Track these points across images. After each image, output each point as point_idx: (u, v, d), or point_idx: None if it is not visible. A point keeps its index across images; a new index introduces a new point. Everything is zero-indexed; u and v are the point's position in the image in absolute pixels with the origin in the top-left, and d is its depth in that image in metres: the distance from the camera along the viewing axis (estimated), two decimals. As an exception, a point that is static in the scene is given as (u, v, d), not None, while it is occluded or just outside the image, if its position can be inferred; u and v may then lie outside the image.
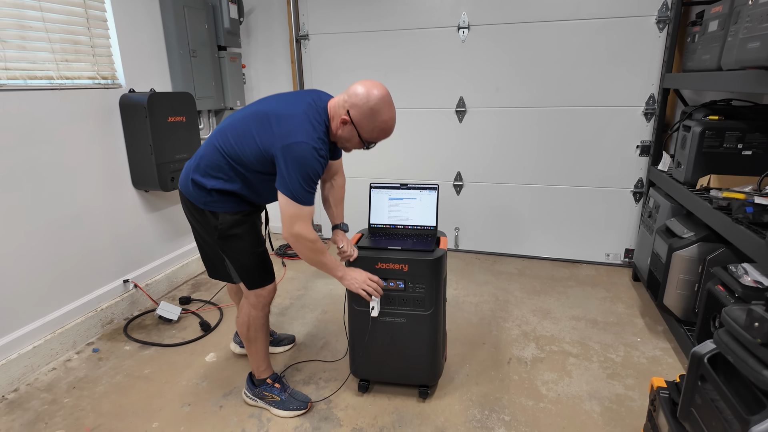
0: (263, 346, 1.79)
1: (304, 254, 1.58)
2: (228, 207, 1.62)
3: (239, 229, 1.64)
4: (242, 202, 1.64)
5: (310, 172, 1.46)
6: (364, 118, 1.53)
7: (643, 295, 2.73)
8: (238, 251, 1.66)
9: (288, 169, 1.45)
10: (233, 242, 1.65)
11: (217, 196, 1.60)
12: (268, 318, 1.81)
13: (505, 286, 2.88)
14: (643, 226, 2.71)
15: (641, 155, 2.91)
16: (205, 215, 1.64)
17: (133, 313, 2.59)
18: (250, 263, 1.68)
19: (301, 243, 1.55)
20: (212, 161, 1.58)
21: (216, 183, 1.58)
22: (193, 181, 1.62)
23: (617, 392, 1.90)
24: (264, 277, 1.72)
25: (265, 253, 1.73)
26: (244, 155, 1.53)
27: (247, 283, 1.70)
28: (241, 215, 1.64)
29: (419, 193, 1.92)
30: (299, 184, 1.46)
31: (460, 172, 3.27)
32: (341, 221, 1.89)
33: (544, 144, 3.06)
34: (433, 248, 1.74)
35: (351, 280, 1.68)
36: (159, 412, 1.83)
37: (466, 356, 2.16)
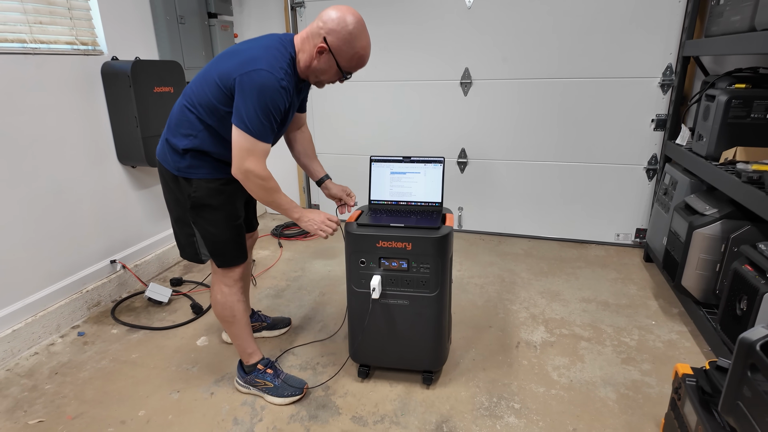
0: (245, 327, 1.67)
1: (256, 193, 1.44)
2: (203, 173, 1.48)
3: (215, 200, 1.51)
4: (218, 168, 1.49)
5: (270, 104, 1.32)
6: (343, 44, 1.39)
7: (656, 276, 2.61)
8: (211, 223, 1.53)
9: (245, 99, 1.31)
10: (207, 213, 1.52)
11: (190, 160, 1.47)
12: (245, 295, 1.69)
13: (511, 267, 2.76)
14: (657, 204, 2.58)
15: (656, 130, 2.76)
16: (179, 183, 1.50)
17: (121, 294, 2.47)
18: (222, 238, 1.55)
19: (252, 181, 1.41)
20: (180, 118, 1.46)
21: (187, 142, 1.45)
22: (167, 142, 1.49)
23: (633, 378, 1.79)
24: (236, 255, 1.59)
25: (240, 230, 1.60)
26: (206, 98, 1.40)
27: (217, 260, 1.58)
28: (218, 184, 1.50)
29: (423, 166, 1.78)
30: (256, 116, 1.32)
31: (465, 149, 3.12)
32: (325, 173, 1.81)
33: (552, 118, 2.90)
34: (439, 225, 1.61)
35: (309, 222, 1.55)
36: (146, 399, 1.72)
37: (472, 340, 2.04)
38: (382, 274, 1.63)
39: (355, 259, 1.64)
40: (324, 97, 3.28)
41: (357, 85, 3.19)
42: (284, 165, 3.59)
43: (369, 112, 3.23)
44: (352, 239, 1.62)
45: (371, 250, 1.61)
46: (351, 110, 3.26)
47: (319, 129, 3.36)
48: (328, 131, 3.36)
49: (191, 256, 1.61)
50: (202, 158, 1.47)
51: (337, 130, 3.34)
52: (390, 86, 3.12)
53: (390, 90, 3.13)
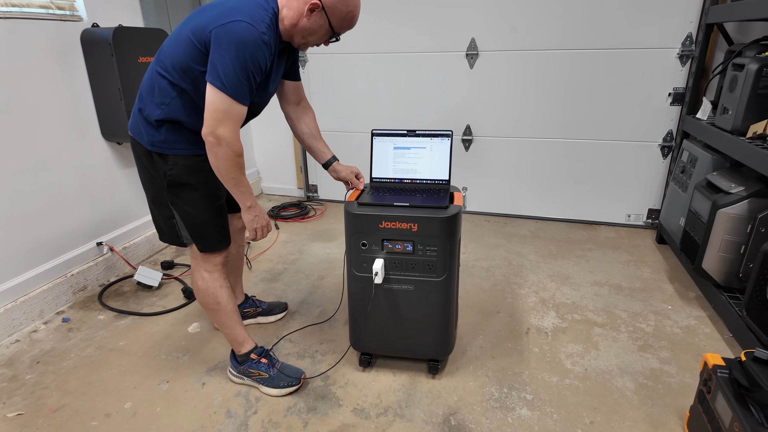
0: (231, 314, 1.54)
1: (222, 164, 1.26)
2: (179, 148, 1.34)
3: (193, 178, 1.37)
4: (197, 143, 1.35)
5: (249, 59, 1.18)
6: (338, 1, 1.26)
7: (670, 258, 2.49)
8: (190, 203, 1.39)
9: (222, 53, 1.17)
10: (185, 193, 1.38)
11: (166, 134, 1.32)
12: (235, 279, 1.55)
13: (518, 249, 2.64)
14: (673, 182, 2.45)
15: (673, 104, 2.61)
16: (153, 160, 1.36)
17: (109, 278, 2.35)
18: (202, 219, 1.41)
19: (223, 149, 1.24)
20: (151, 85, 1.31)
21: (159, 112, 1.30)
22: (140, 113, 1.35)
23: (651, 366, 1.68)
24: (218, 238, 1.46)
25: (222, 211, 1.46)
26: (178, 59, 1.25)
27: (199, 244, 1.45)
28: (197, 161, 1.36)
29: (429, 141, 1.64)
30: (234, 72, 1.17)
31: (470, 126, 2.97)
32: (331, 154, 1.66)
33: (562, 93, 2.75)
34: (447, 205, 1.47)
35: (257, 217, 1.41)
36: (133, 390, 1.61)
37: (479, 326, 1.93)
38: (386, 258, 1.51)
39: (356, 241, 1.51)
40: (320, 70, 3.11)
41: (355, 58, 3.01)
42: (280, 140, 3.43)
43: (368, 87, 3.06)
44: (352, 220, 1.49)
45: (373, 232, 1.48)
46: (349, 85, 3.09)
47: (315, 105, 3.20)
48: (324, 107, 3.19)
49: (172, 239, 1.48)
50: (178, 131, 1.33)
51: (334, 106, 3.18)
52: (391, 59, 2.95)
53: (391, 63, 2.96)
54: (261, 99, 1.40)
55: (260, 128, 3.46)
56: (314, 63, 3.10)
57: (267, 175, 3.61)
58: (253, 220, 1.41)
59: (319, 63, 3.10)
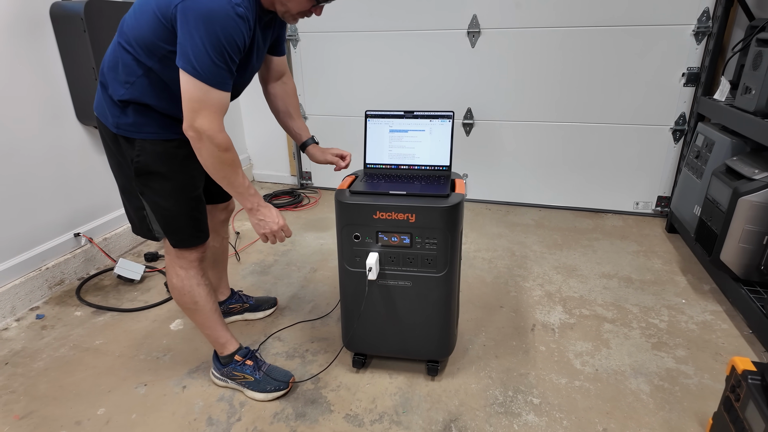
0: (211, 314, 1.41)
1: (207, 161, 1.13)
2: (148, 132, 1.19)
3: (164, 166, 1.22)
4: (168, 126, 1.20)
5: (223, 38, 1.01)
6: None
7: (681, 248, 2.37)
8: (161, 194, 1.25)
9: (191, 32, 1.01)
10: (155, 182, 1.23)
11: (134, 116, 1.17)
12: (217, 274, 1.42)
13: (521, 239, 2.51)
14: (686, 168, 2.31)
15: (687, 85, 2.46)
16: (119, 144, 1.22)
17: (89, 271, 2.22)
18: (174, 213, 1.27)
19: (205, 145, 1.10)
20: (114, 59, 1.15)
21: (124, 91, 1.15)
22: (104, 90, 1.19)
23: (667, 366, 1.57)
24: (193, 233, 1.31)
25: (198, 203, 1.32)
26: (142, 34, 1.10)
27: (171, 239, 1.31)
28: (168, 146, 1.21)
29: (429, 123, 1.49)
30: (206, 54, 1.02)
31: (471, 109, 2.81)
32: (309, 135, 1.54)
33: (569, 74, 2.59)
34: (448, 193, 1.34)
35: (261, 221, 1.25)
36: (107, 394, 1.49)
37: (482, 322, 1.81)
38: (381, 251, 1.38)
39: (348, 233, 1.38)
40: (312, 50, 2.94)
41: (350, 37, 2.84)
42: (272, 124, 3.27)
43: (364, 68, 2.89)
44: (343, 210, 1.35)
45: (367, 223, 1.35)
46: (343, 66, 2.92)
47: (307, 88, 3.03)
48: (316, 90, 3.03)
49: (144, 232, 1.33)
50: (147, 114, 1.18)
51: (327, 89, 3.01)
52: (388, 37, 2.78)
53: (388, 42, 2.79)
54: (243, 79, 1.25)
55: (251, 112, 3.30)
56: (306, 42, 2.93)
57: (258, 162, 3.45)
58: (257, 224, 1.26)
59: (311, 42, 2.93)
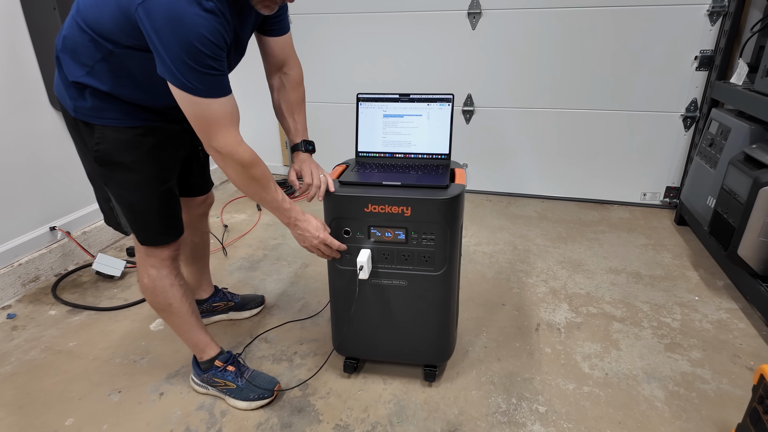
0: (187, 316, 1.29)
1: (237, 181, 1.07)
2: (109, 117, 1.06)
3: (127, 156, 1.09)
4: (133, 112, 1.07)
5: (197, 42, 0.88)
6: None
7: (692, 241, 2.26)
8: (125, 187, 1.12)
9: (161, 41, 0.88)
10: (118, 174, 1.11)
11: (91, 100, 1.04)
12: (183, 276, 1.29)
13: (523, 232, 2.39)
14: (698, 157, 2.19)
15: (699, 69, 2.32)
16: (78, 128, 1.09)
17: (67, 267, 2.10)
18: (141, 207, 1.14)
19: (228, 164, 1.02)
20: (72, 36, 1.01)
21: (81, 72, 1.02)
22: (59, 65, 1.05)
23: (682, 370, 1.46)
24: (163, 230, 1.19)
25: (169, 197, 1.19)
26: (103, 22, 0.95)
27: (138, 235, 1.19)
28: (133, 134, 1.08)
29: (426, 107, 1.36)
30: (186, 65, 0.89)
31: (471, 95, 2.68)
32: (303, 138, 1.34)
33: (575, 57, 2.45)
34: (447, 183, 1.22)
35: (301, 234, 1.19)
36: (78, 402, 1.37)
37: (483, 321, 1.70)
38: (373, 248, 1.26)
39: (337, 228, 1.26)
40: (302, 34, 2.79)
41: (343, 19, 2.69)
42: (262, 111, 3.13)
43: (357, 52, 2.75)
44: (332, 202, 1.23)
45: (358, 217, 1.23)
46: (335, 50, 2.78)
47: (302, 72, 2.89)
48: (306, 75, 2.88)
49: (114, 225, 1.22)
50: (108, 99, 1.04)
51: (317, 74, 2.87)
52: (382, 18, 2.63)
53: (383, 24, 2.64)
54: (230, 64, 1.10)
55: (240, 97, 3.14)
56: (297, 25, 2.78)
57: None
58: (298, 239, 1.21)
59: (302, 24, 2.78)
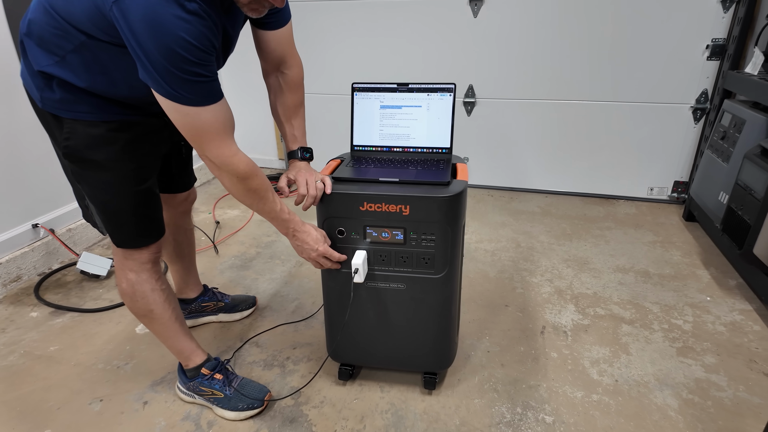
0: (171, 323, 1.20)
1: (233, 192, 1.01)
2: (80, 111, 0.96)
3: (100, 153, 0.99)
4: (103, 105, 0.97)
5: (179, 48, 0.79)
6: None
7: (701, 238, 2.17)
8: (99, 187, 1.03)
9: (141, 44, 0.79)
10: (90, 172, 1.01)
11: (59, 92, 0.94)
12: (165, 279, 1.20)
13: (526, 228, 2.31)
14: (709, 150, 2.10)
15: (711, 59, 2.23)
16: (46, 120, 1.00)
17: (51, 266, 2.01)
18: (116, 207, 1.05)
19: (223, 175, 0.96)
20: (39, 21, 0.90)
21: (49, 62, 0.92)
22: (23, 51, 0.96)
23: (696, 376, 1.38)
24: (140, 232, 1.10)
25: (147, 198, 1.09)
26: (75, 12, 0.86)
27: (114, 237, 1.10)
28: (105, 129, 0.98)
29: (426, 97, 1.27)
30: (168, 71, 0.80)
31: (473, 86, 2.58)
32: (300, 145, 1.23)
33: (581, 44, 2.36)
34: (448, 180, 1.13)
35: (301, 245, 1.13)
36: (56, 411, 1.30)
37: (485, 324, 1.62)
38: (369, 249, 1.17)
39: (331, 228, 1.17)
40: (296, 23, 2.69)
41: (338, 7, 2.59)
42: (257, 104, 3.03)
43: (351, 41, 2.65)
44: (325, 200, 1.14)
45: (353, 216, 1.14)
46: (330, 39, 2.68)
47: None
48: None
49: (92, 223, 1.13)
50: (77, 92, 0.95)
51: (310, 65, 2.77)
52: (380, 6, 2.53)
53: (380, 12, 2.54)
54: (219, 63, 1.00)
55: (234, 90, 3.06)
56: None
57: (244, 145, 3.19)
58: (297, 249, 1.14)
59: (295, 14, 2.67)
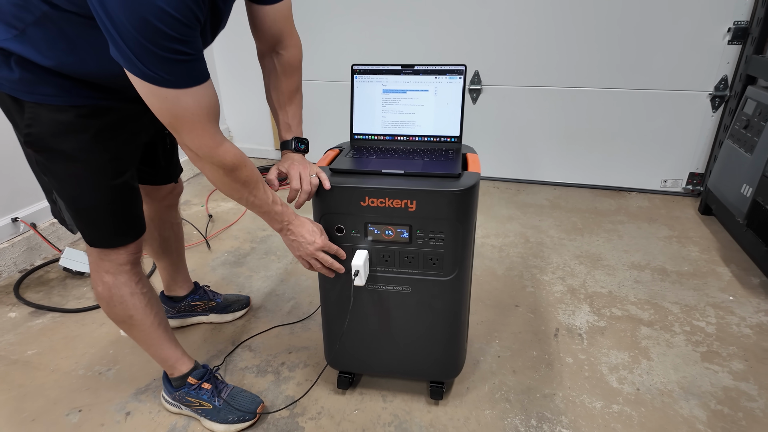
0: (153, 329, 1.09)
1: (218, 185, 0.90)
2: (43, 94, 0.83)
3: (68, 143, 0.86)
4: (71, 87, 0.84)
5: (155, 18, 0.66)
6: None
7: (719, 233, 2.07)
8: (67, 180, 0.90)
9: (109, 15, 0.66)
10: (57, 164, 0.89)
11: (18, 71, 0.81)
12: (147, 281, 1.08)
13: (535, 222, 2.19)
14: (730, 140, 1.98)
15: (732, 42, 2.10)
16: (5, 103, 0.87)
17: (33, 262, 1.90)
18: (87, 204, 0.93)
19: (206, 166, 0.85)
20: None
21: (6, 36, 0.78)
22: None
23: (724, 384, 1.28)
24: (116, 231, 0.98)
25: (124, 193, 0.97)
26: None
27: (86, 235, 0.98)
28: (73, 115, 0.85)
29: (434, 80, 1.15)
30: (142, 48, 0.67)
31: (479, 72, 2.46)
32: (295, 135, 1.11)
33: (593, 28, 2.23)
34: (459, 172, 1.01)
35: (294, 241, 1.00)
36: (30, 424, 1.19)
37: (495, 326, 1.52)
38: (371, 249, 1.06)
39: (328, 225, 1.06)
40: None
41: (340, -13, 2.45)
42: (253, 91, 2.90)
43: (350, 24, 2.51)
44: (322, 194, 1.03)
45: (353, 212, 1.03)
46: (326, 22, 2.54)
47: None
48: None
49: (60, 220, 1.01)
50: (40, 72, 0.82)
51: (308, 49, 2.64)
52: (383, -12, 2.40)
53: (383, -7, 2.41)
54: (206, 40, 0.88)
55: (229, 76, 2.93)
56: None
57: (239, 134, 3.10)
58: (290, 246, 1.02)
59: (294, -6, 2.53)
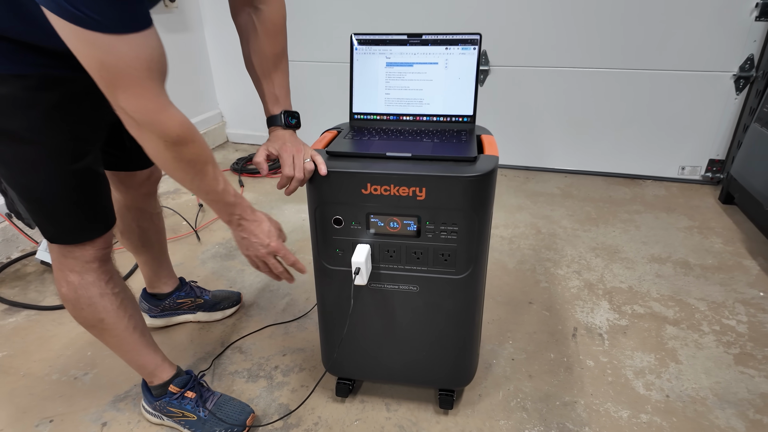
0: (127, 334, 0.97)
1: (159, 162, 0.73)
2: None
3: (15, 120, 0.73)
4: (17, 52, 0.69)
5: None
6: None
7: (743, 223, 1.94)
8: (17, 166, 0.77)
9: None
10: (4, 146, 0.75)
11: None
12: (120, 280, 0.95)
13: (546, 212, 2.07)
14: (757, 124, 1.85)
15: (760, 19, 1.96)
16: None
17: (10, 255, 1.77)
18: (44, 193, 0.80)
19: (145, 136, 0.68)
20: None
21: None
22: None
23: (761, 390, 1.16)
24: (82, 224, 0.85)
25: (89, 179, 0.84)
26: None
27: (44, 230, 0.85)
28: (22, 86, 0.72)
29: (444, 52, 1.01)
30: None
31: (487, 52, 2.31)
32: (284, 108, 0.96)
33: (609, 4, 2.08)
34: (474, 155, 0.88)
35: (247, 238, 0.87)
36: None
37: (507, 325, 1.40)
38: (373, 243, 0.93)
39: (325, 216, 0.93)
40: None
41: (338, -39, 2.29)
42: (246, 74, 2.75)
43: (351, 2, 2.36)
44: (318, 181, 0.90)
45: (353, 201, 0.90)
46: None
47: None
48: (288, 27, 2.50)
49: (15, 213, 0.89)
50: None
51: (300, 27, 2.48)
52: (384, -39, 2.24)
53: (384, -33, 2.25)
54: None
55: (221, 56, 2.77)
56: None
57: (232, 120, 2.95)
58: (240, 243, 0.88)
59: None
